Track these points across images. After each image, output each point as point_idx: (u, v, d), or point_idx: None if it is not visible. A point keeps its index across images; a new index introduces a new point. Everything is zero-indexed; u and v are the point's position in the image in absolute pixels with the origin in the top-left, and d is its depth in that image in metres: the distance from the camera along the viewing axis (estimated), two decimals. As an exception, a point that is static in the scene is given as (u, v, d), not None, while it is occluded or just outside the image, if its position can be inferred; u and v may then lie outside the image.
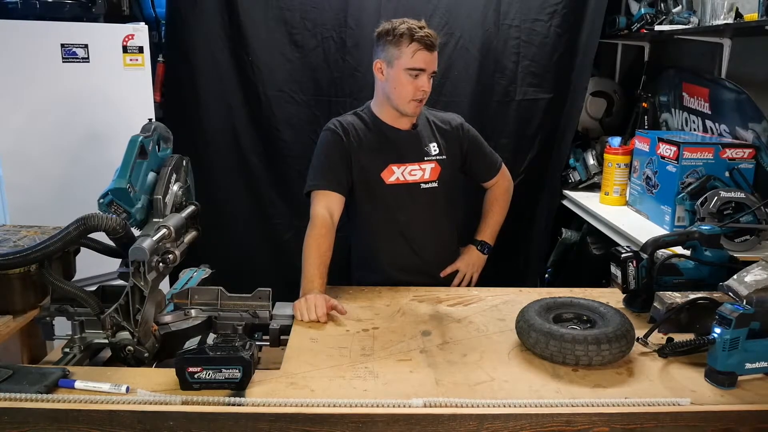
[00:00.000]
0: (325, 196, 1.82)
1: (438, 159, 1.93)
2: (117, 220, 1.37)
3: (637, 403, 1.18)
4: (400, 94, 1.83)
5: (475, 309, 1.66)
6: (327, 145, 1.88)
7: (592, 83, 3.06)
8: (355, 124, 1.90)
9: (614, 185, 2.70)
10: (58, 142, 2.42)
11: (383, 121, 1.90)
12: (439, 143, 1.94)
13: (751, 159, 2.21)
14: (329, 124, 1.91)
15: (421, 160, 1.91)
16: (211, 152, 2.84)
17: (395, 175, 1.88)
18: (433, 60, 1.82)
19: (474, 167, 2.05)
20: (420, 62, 1.79)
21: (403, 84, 1.81)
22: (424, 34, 1.78)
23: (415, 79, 1.80)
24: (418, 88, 1.81)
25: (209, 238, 1.75)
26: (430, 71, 1.82)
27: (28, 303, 1.48)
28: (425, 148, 1.92)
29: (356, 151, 1.86)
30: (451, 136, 1.97)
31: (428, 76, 1.82)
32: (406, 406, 1.16)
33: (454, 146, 1.97)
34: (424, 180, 1.91)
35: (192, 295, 1.58)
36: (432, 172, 1.92)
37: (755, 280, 1.36)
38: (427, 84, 1.82)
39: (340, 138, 1.86)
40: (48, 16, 2.39)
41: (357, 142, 1.87)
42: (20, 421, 1.13)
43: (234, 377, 1.21)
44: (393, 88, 1.83)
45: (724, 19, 2.19)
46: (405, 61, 1.79)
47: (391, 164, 1.88)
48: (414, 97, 1.82)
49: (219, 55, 2.76)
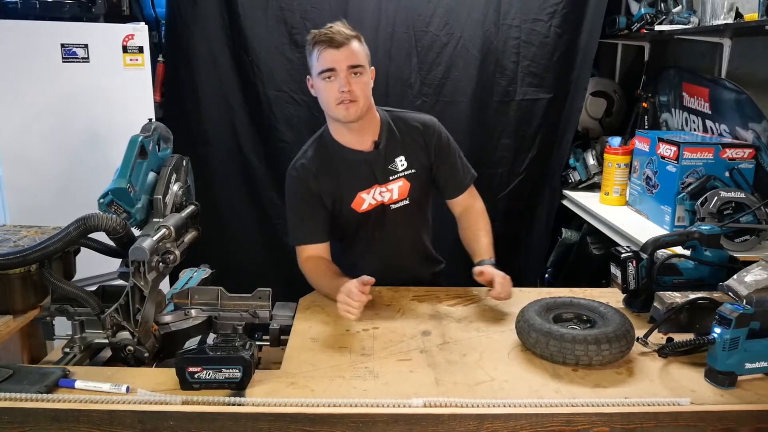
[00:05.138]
0: (308, 249, 1.76)
1: (406, 174, 1.78)
2: (117, 220, 1.38)
3: (637, 403, 1.18)
4: (325, 101, 1.69)
5: (475, 309, 1.66)
6: (295, 196, 1.78)
7: (592, 83, 3.06)
8: (316, 159, 1.77)
9: (614, 185, 2.70)
10: (58, 142, 2.42)
11: (343, 145, 1.76)
12: (406, 155, 1.79)
13: (751, 159, 2.21)
14: (291, 170, 1.78)
15: (387, 181, 1.78)
16: (211, 152, 2.85)
17: (366, 202, 1.78)
18: (345, 55, 1.64)
19: (439, 178, 1.85)
20: (327, 62, 1.64)
21: (323, 91, 1.68)
22: (326, 31, 1.64)
23: (331, 81, 1.65)
24: (337, 89, 1.65)
25: (209, 238, 1.75)
26: (343, 68, 1.64)
27: (29, 303, 1.48)
28: (390, 166, 1.77)
29: (323, 190, 1.76)
30: (418, 143, 1.80)
31: (347, 74, 1.65)
32: (406, 406, 1.16)
33: (421, 155, 1.80)
34: (393, 201, 1.79)
35: (192, 295, 1.57)
36: (400, 191, 1.79)
37: (755, 280, 1.36)
38: (346, 83, 1.64)
39: (304, 184, 1.76)
40: (48, 16, 2.39)
41: (321, 179, 1.76)
42: (20, 421, 1.13)
43: (234, 377, 1.21)
44: (320, 100, 1.71)
45: (724, 19, 2.19)
46: (315, 67, 1.67)
47: (359, 192, 1.77)
48: (338, 100, 1.66)
49: (219, 55, 2.77)
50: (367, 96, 1.71)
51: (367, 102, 1.72)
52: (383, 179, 1.78)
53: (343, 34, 1.65)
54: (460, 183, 1.88)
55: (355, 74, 1.67)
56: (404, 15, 2.80)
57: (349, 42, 1.66)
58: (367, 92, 1.72)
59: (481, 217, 1.89)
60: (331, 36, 1.64)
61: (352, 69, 1.66)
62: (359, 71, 1.67)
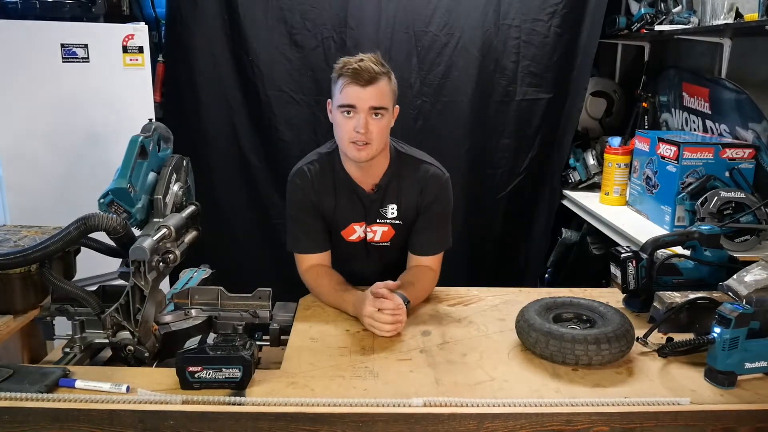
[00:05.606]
0: (310, 258, 1.74)
1: (392, 222, 1.75)
2: (117, 220, 1.38)
3: (637, 402, 1.18)
4: (339, 136, 1.64)
5: (475, 309, 1.66)
6: (296, 205, 1.74)
7: (592, 83, 3.06)
8: (321, 176, 1.73)
9: (614, 185, 2.70)
10: (58, 142, 2.42)
11: (350, 176, 1.72)
12: (399, 204, 1.74)
13: (751, 159, 2.21)
14: (294, 177, 1.74)
15: (374, 222, 1.76)
16: (211, 152, 2.85)
17: (356, 234, 1.77)
18: (370, 95, 1.58)
19: (413, 227, 1.77)
20: (349, 97, 1.58)
21: (339, 125, 1.62)
22: (356, 66, 1.57)
23: (349, 118, 1.59)
24: (353, 128, 1.59)
25: (209, 238, 1.75)
26: (365, 108, 1.58)
27: (29, 303, 1.48)
28: (381, 210, 1.74)
29: (322, 205, 1.74)
30: (414, 193, 1.73)
31: (367, 114, 1.58)
32: (406, 405, 1.16)
33: (412, 207, 1.74)
34: (374, 241, 1.78)
35: (192, 295, 1.58)
36: (384, 234, 1.77)
37: (755, 279, 1.36)
38: (362, 124, 1.57)
39: (305, 194, 1.73)
40: (48, 16, 2.38)
41: (322, 196, 1.73)
42: (21, 420, 1.13)
43: (234, 377, 1.21)
44: (335, 131, 1.67)
45: (724, 19, 2.20)
46: (336, 98, 1.62)
47: (353, 223, 1.76)
48: (351, 139, 1.60)
49: (219, 55, 2.77)
50: (382, 139, 1.64)
51: (381, 145, 1.65)
52: (371, 220, 1.76)
53: (372, 72, 1.57)
54: (426, 246, 1.76)
55: (376, 115, 1.60)
56: (404, 15, 2.80)
57: (377, 81, 1.59)
58: (384, 135, 1.65)
59: (427, 280, 1.72)
60: (359, 72, 1.56)
61: (373, 110, 1.59)
62: (381, 113, 1.61)
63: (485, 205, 3.00)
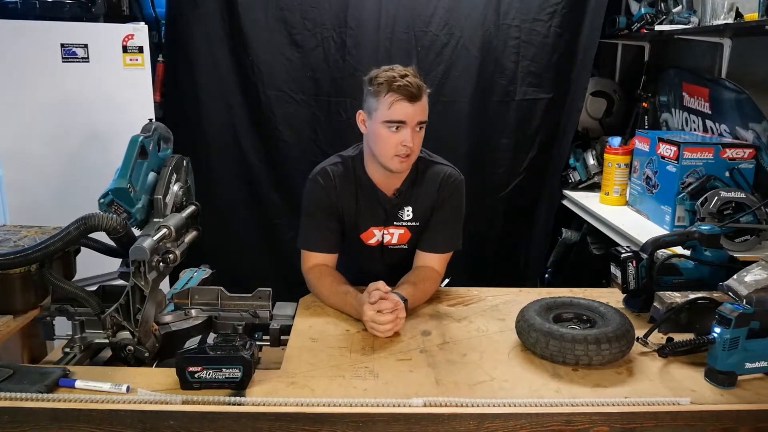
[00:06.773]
0: (317, 257, 1.74)
1: (408, 225, 1.78)
2: (117, 220, 1.37)
3: (637, 402, 1.18)
4: (382, 150, 1.66)
5: (475, 309, 1.66)
6: (314, 203, 1.75)
7: (592, 83, 3.06)
8: (343, 179, 1.75)
9: (614, 185, 2.70)
10: (58, 142, 2.42)
11: (374, 182, 1.75)
12: (415, 207, 1.77)
13: (751, 159, 2.21)
14: (317, 176, 1.75)
15: (391, 224, 1.78)
16: (211, 152, 2.85)
17: (375, 238, 1.79)
18: (418, 111, 1.63)
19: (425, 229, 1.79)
20: (399, 114, 1.61)
21: (383, 138, 1.64)
22: (405, 83, 1.59)
23: (395, 132, 1.62)
24: (400, 142, 1.62)
25: (209, 238, 1.75)
26: (413, 123, 1.63)
27: (29, 303, 1.48)
28: (398, 213, 1.77)
29: (343, 209, 1.76)
30: (430, 196, 1.77)
31: (413, 129, 1.63)
32: (406, 405, 1.16)
33: (428, 209, 1.77)
34: (391, 243, 1.80)
35: (192, 295, 1.58)
36: (400, 237, 1.79)
37: (755, 280, 1.36)
38: (410, 138, 1.62)
39: (326, 194, 1.74)
40: (48, 16, 2.39)
41: (342, 200, 1.75)
42: (20, 420, 1.13)
43: (234, 377, 1.21)
44: (375, 143, 1.67)
45: (724, 19, 2.20)
46: (382, 113, 1.62)
47: (372, 227, 1.78)
48: (396, 153, 1.64)
49: (219, 55, 2.77)
50: (418, 151, 1.71)
51: (416, 156, 1.72)
52: (388, 223, 1.78)
53: (420, 88, 1.62)
54: (433, 242, 1.77)
55: (419, 129, 1.66)
56: (404, 15, 2.80)
57: (422, 95, 1.64)
58: (420, 146, 1.71)
59: (429, 282, 1.71)
60: (410, 89, 1.60)
61: (419, 124, 1.65)
62: (423, 126, 1.67)
63: (485, 205, 3.00)
